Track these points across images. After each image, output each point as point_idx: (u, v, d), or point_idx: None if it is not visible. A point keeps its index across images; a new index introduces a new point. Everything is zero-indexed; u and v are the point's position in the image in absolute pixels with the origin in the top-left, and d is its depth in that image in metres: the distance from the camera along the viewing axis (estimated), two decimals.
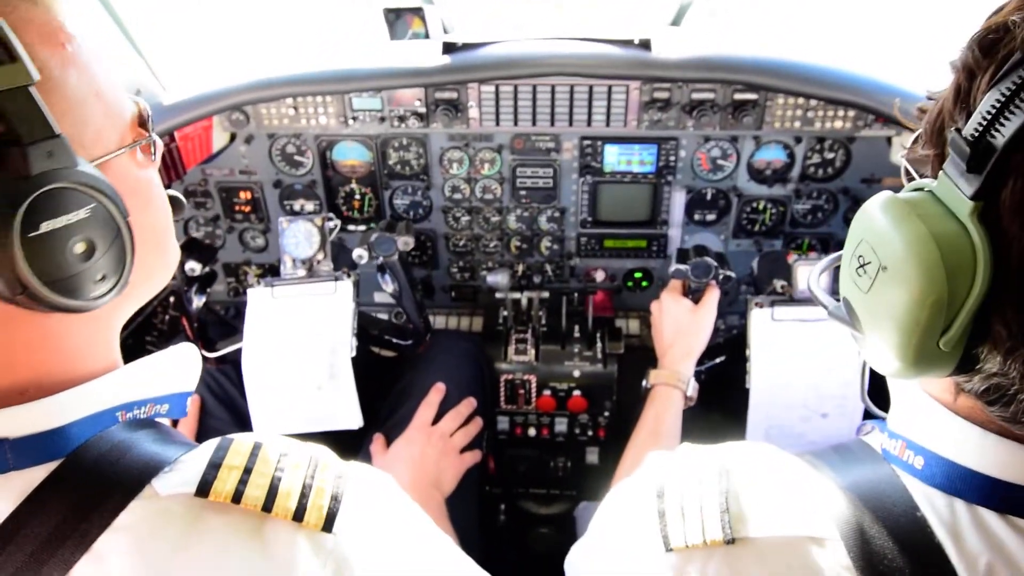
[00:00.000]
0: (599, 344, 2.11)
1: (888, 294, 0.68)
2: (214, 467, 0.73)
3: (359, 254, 1.85)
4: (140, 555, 0.69)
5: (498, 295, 2.24)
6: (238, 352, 1.86)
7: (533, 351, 2.10)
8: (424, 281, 2.39)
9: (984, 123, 0.60)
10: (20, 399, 0.72)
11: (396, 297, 2.00)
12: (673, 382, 1.71)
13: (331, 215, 1.84)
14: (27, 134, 0.64)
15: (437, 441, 1.82)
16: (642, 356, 2.03)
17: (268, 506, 0.73)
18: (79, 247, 0.71)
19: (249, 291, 1.82)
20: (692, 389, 1.72)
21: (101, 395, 0.77)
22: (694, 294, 1.85)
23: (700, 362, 1.82)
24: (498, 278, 2.22)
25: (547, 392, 2.12)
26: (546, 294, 2.24)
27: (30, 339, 0.73)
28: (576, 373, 2.09)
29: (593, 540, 1.05)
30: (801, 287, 1.76)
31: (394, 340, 2.11)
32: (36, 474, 0.70)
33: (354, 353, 1.79)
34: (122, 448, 0.74)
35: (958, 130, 0.62)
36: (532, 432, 2.19)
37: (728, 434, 1.07)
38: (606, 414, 2.14)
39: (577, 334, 2.14)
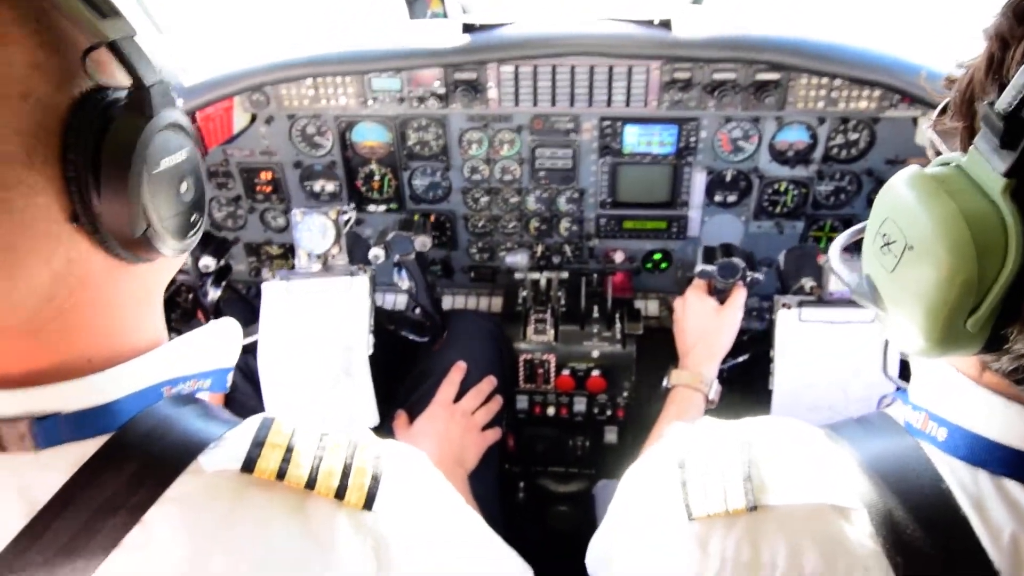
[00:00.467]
0: (618, 325, 2.11)
1: (915, 273, 0.67)
2: (258, 445, 0.75)
3: (376, 254, 1.84)
4: (188, 527, 0.71)
5: (517, 275, 2.25)
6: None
7: (552, 331, 2.12)
8: (444, 261, 2.41)
9: (1019, 97, 0.57)
10: (85, 368, 0.73)
11: (412, 294, 2.01)
12: (695, 384, 1.68)
13: (345, 208, 1.82)
14: (147, 77, 0.69)
15: (460, 418, 1.84)
16: (661, 337, 2.03)
17: (311, 484, 0.74)
18: (184, 186, 0.77)
19: (263, 285, 1.81)
20: (714, 392, 1.69)
21: (149, 371, 0.78)
22: (720, 294, 1.83)
23: (722, 360, 1.80)
24: (517, 258, 2.24)
25: (566, 372, 2.13)
26: (565, 275, 2.25)
27: (110, 299, 0.75)
28: (595, 353, 2.10)
29: (615, 515, 1.06)
30: (831, 288, 1.73)
31: (410, 337, 2.12)
32: (88, 447, 0.72)
33: (371, 351, 1.79)
34: (169, 423, 0.75)
35: (991, 104, 0.60)
36: (551, 411, 2.21)
37: None
38: (625, 394, 2.15)
39: (596, 315, 2.14)
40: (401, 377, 2.02)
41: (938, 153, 0.75)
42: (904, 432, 0.83)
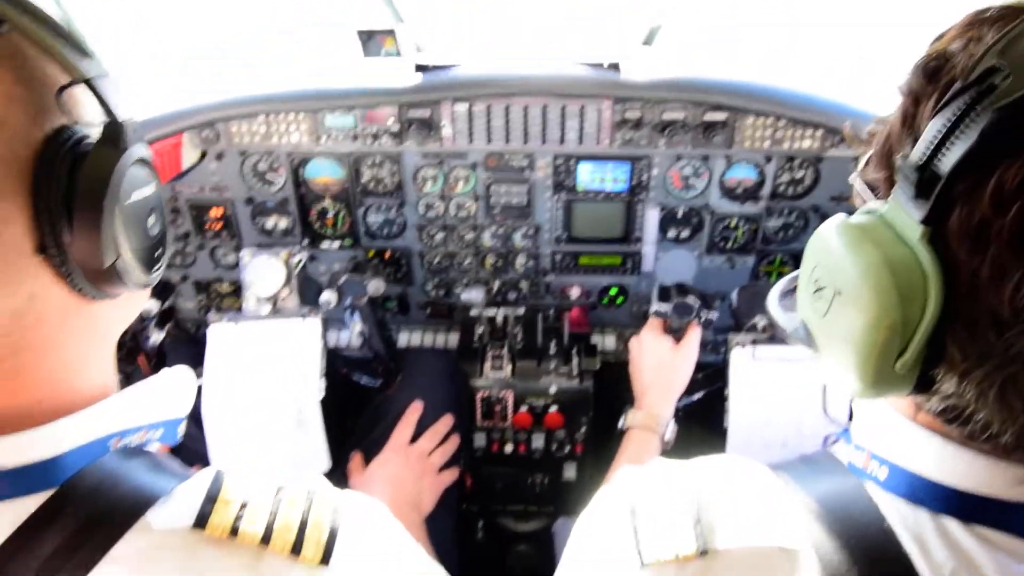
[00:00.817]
0: (575, 360, 2.11)
1: (844, 318, 0.68)
2: (210, 500, 0.73)
3: (327, 298, 1.81)
4: None
5: (473, 312, 2.24)
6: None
7: (509, 367, 2.11)
8: (399, 298, 2.38)
9: (930, 150, 0.60)
10: (34, 412, 0.72)
11: (365, 337, 1.99)
12: (651, 425, 1.69)
13: (295, 250, 1.79)
14: (120, 114, 0.72)
15: (415, 462, 1.82)
16: (618, 372, 2.04)
17: (266, 540, 0.73)
18: (151, 219, 0.79)
19: (210, 328, 1.77)
20: (670, 432, 1.70)
21: (97, 423, 0.76)
22: (675, 333, 1.86)
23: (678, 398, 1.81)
24: (473, 295, 2.23)
25: (524, 408, 2.12)
26: (522, 310, 2.25)
27: (65, 340, 0.74)
28: (552, 389, 2.10)
29: (570, 563, 1.05)
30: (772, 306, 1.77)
31: (362, 381, 2.09)
32: (28, 504, 0.69)
33: (322, 395, 1.76)
34: (115, 477, 0.73)
35: (905, 156, 0.63)
36: (509, 448, 2.18)
37: None
38: (583, 429, 2.14)
39: (553, 350, 2.14)
40: (354, 419, 1.98)
41: (864, 200, 0.77)
42: (847, 472, 0.84)
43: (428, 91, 1.93)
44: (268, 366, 1.76)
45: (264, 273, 1.78)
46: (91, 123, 0.72)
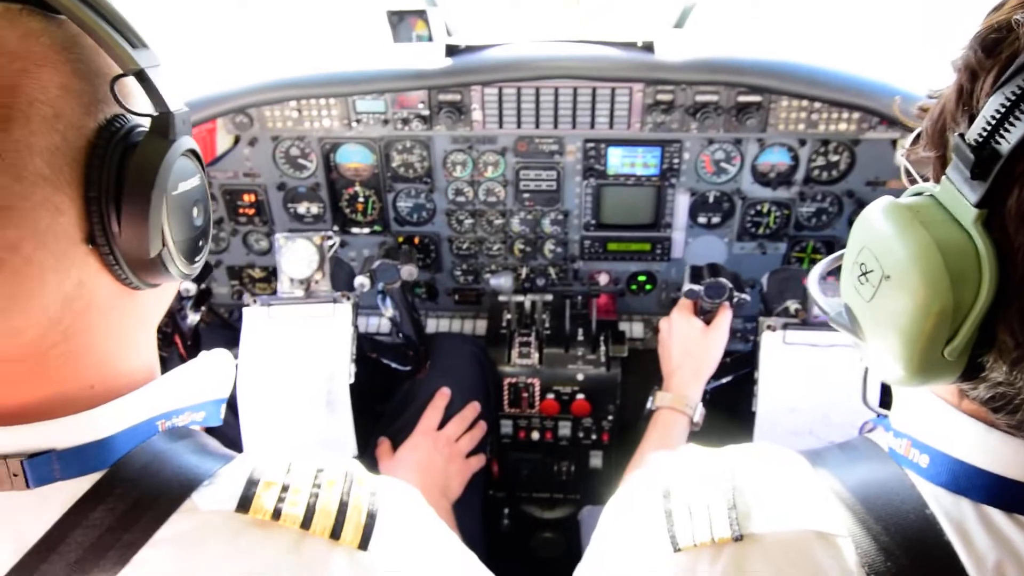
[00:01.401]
0: (603, 347, 2.10)
1: (891, 303, 0.67)
2: (253, 483, 0.75)
3: (361, 282, 1.81)
4: (180, 569, 0.70)
5: (501, 298, 2.24)
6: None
7: (536, 354, 2.10)
8: (428, 284, 2.40)
9: (988, 128, 0.58)
10: (86, 396, 0.73)
11: (396, 322, 2.00)
12: (680, 407, 1.66)
13: (330, 233, 1.80)
14: (171, 104, 0.72)
15: (443, 447, 1.83)
16: (646, 360, 2.03)
17: (307, 523, 0.74)
18: (196, 211, 0.79)
19: (245, 311, 1.79)
20: (699, 415, 1.68)
21: (144, 405, 0.78)
22: (706, 315, 1.82)
23: (707, 382, 1.78)
24: (501, 281, 2.23)
25: (550, 395, 2.12)
26: (549, 297, 2.24)
27: (112, 326, 0.75)
28: (580, 376, 2.09)
29: (599, 547, 1.05)
30: (816, 311, 1.71)
31: (392, 365, 2.10)
32: (80, 485, 0.71)
33: (352, 380, 1.77)
34: (162, 460, 0.75)
35: (961, 135, 0.61)
36: (535, 436, 2.19)
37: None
38: (610, 418, 2.14)
39: (580, 337, 2.14)
40: (383, 403, 2.00)
41: (912, 180, 0.76)
42: (888, 459, 0.82)
43: (458, 74, 1.92)
44: (300, 349, 1.78)
45: (298, 256, 1.79)
46: (142, 113, 0.72)
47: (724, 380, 1.93)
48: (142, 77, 0.69)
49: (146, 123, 0.72)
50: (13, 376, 0.70)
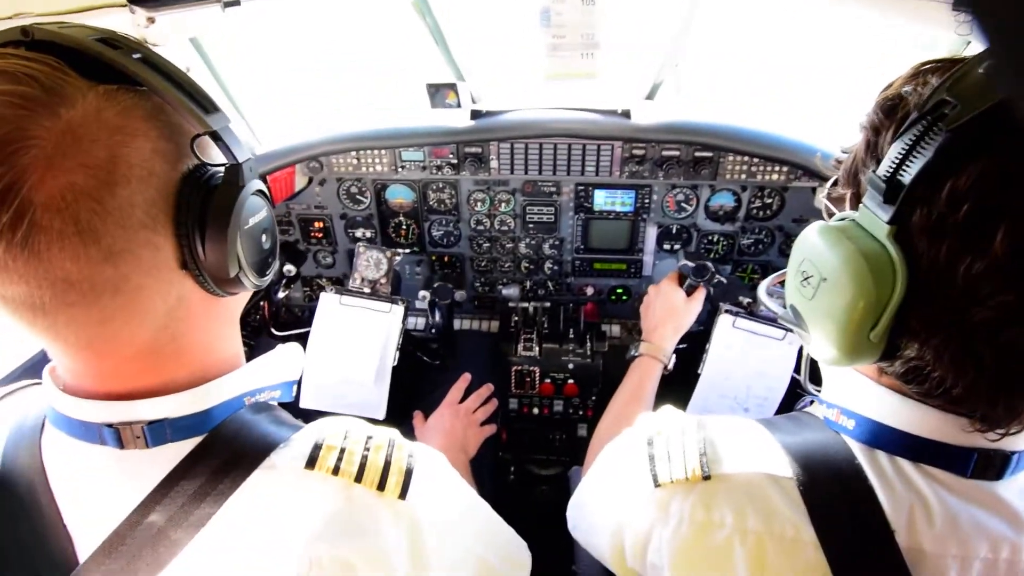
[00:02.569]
0: (588, 343, 2.11)
1: (829, 300, 0.68)
2: (318, 447, 0.74)
3: (423, 295, 1.87)
4: (262, 510, 0.70)
5: (511, 304, 2.25)
6: (297, 337, 1.87)
7: (537, 348, 2.11)
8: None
9: (894, 166, 0.61)
10: (191, 378, 0.73)
11: (436, 328, 2.02)
12: (658, 356, 1.62)
13: (399, 251, 1.84)
14: (240, 155, 0.70)
15: (463, 416, 1.83)
16: (621, 354, 2.03)
17: (359, 478, 0.74)
18: (264, 237, 0.77)
19: (322, 294, 1.82)
20: (671, 363, 1.64)
21: (235, 384, 0.78)
22: (688, 290, 1.78)
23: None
24: (511, 291, 2.24)
25: (548, 380, 2.13)
26: (548, 304, 2.25)
27: (207, 325, 0.75)
28: (570, 365, 2.10)
29: (591, 482, 1.04)
30: (763, 309, 1.71)
31: (425, 359, 2.12)
32: (186, 446, 0.72)
33: (395, 363, 1.79)
34: (249, 427, 0.75)
35: (874, 172, 0.63)
36: (536, 411, 2.19)
37: (673, 405, 1.04)
38: (593, 398, 2.14)
39: (572, 335, 2.14)
40: (410, 385, 2.01)
41: (831, 214, 0.77)
42: (824, 425, 0.82)
43: (480, 132, 1.95)
44: (360, 332, 1.81)
45: (372, 263, 1.84)
46: (217, 162, 0.71)
47: (682, 345, 1.93)
48: (215, 136, 0.68)
49: (221, 171, 0.70)
50: (136, 368, 0.71)
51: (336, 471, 0.73)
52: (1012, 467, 0.71)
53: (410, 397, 2.01)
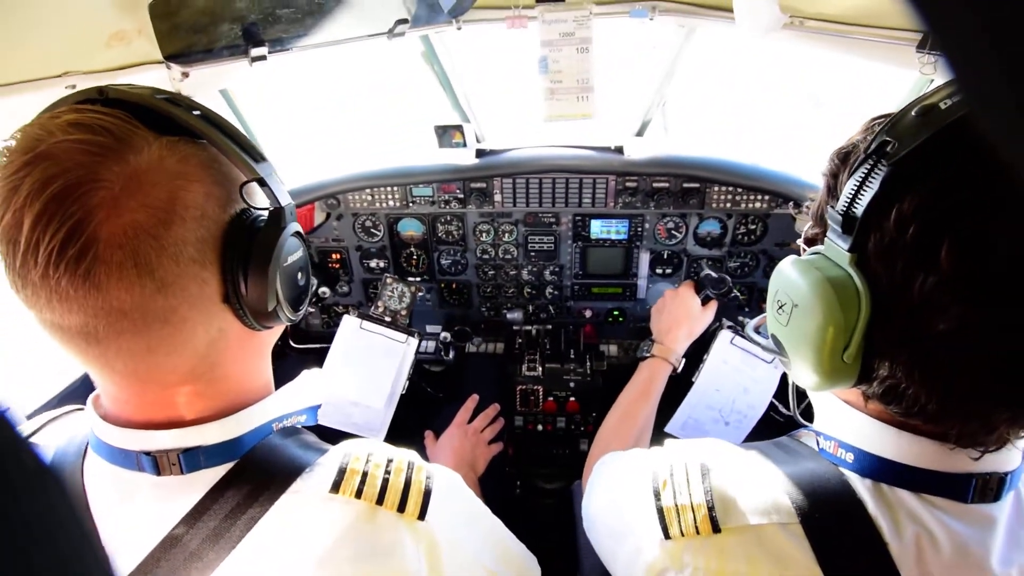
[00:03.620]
0: (588, 363, 2.11)
1: (801, 324, 0.68)
2: (341, 472, 0.74)
3: (445, 335, 1.91)
4: (290, 533, 0.70)
5: (515, 327, 2.26)
6: (314, 352, 1.93)
7: (540, 368, 2.11)
8: (462, 318, 2.41)
9: (848, 200, 0.63)
10: (227, 405, 0.73)
11: (448, 364, 2.03)
12: (669, 357, 1.58)
13: (422, 286, 1.86)
14: (282, 200, 0.72)
15: (472, 436, 1.82)
16: (619, 372, 2.02)
17: (380, 500, 0.74)
18: (300, 275, 0.78)
19: (345, 316, 1.82)
20: (680, 365, 1.61)
21: (265, 412, 0.78)
22: (703, 299, 1.76)
23: None
24: (515, 315, 2.25)
25: (551, 398, 2.12)
26: (550, 326, 2.25)
27: (243, 356, 0.75)
28: (572, 384, 2.09)
29: (600, 511, 1.00)
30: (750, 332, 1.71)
31: (429, 389, 2.13)
32: (219, 471, 0.72)
33: (404, 391, 1.79)
34: (277, 452, 0.75)
35: (832, 208, 0.66)
36: (540, 427, 2.17)
37: (661, 408, 0.99)
38: (594, 414, 2.12)
39: (572, 355, 2.13)
40: (433, 399, 2.00)
41: (807, 248, 0.78)
42: (820, 456, 0.79)
43: (484, 169, 1.98)
44: (375, 356, 1.80)
45: (397, 295, 1.84)
46: (260, 206, 0.72)
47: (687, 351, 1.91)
48: (262, 182, 0.70)
49: (264, 214, 0.72)
50: (176, 397, 0.71)
51: (359, 494, 0.73)
52: (1007, 488, 0.70)
53: (422, 416, 2.00)
